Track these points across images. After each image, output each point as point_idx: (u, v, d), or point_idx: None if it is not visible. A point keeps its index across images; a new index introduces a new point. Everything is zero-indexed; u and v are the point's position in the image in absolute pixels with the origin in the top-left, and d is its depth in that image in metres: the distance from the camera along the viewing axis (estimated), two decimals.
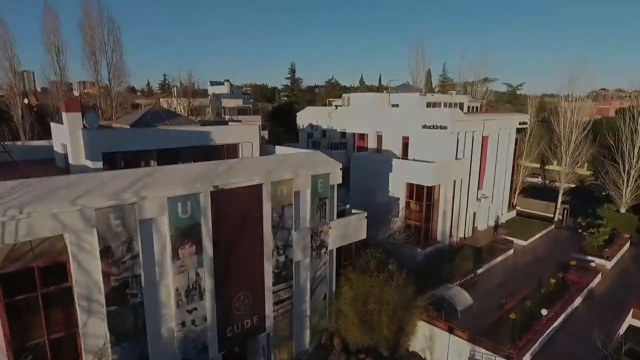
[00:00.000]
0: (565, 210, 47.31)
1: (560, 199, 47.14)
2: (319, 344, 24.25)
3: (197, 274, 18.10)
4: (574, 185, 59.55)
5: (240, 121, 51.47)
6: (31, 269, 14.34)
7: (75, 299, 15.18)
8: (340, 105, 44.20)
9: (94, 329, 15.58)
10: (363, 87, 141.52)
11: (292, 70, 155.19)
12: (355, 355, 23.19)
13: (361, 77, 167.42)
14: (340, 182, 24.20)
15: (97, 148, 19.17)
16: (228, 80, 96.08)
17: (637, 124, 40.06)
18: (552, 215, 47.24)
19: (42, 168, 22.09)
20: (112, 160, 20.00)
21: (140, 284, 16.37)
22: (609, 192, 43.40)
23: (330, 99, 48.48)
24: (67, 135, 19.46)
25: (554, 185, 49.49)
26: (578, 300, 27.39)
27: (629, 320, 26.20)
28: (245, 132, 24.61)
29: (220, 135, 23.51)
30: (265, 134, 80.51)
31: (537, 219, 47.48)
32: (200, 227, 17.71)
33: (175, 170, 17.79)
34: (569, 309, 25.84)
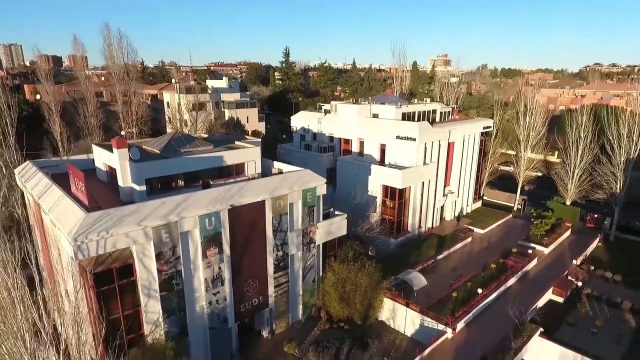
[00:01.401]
0: (524, 201, 54.62)
1: (519, 190, 54.24)
2: (309, 315, 31.73)
3: (219, 268, 25.18)
4: (540, 174, 66.13)
5: (244, 128, 57.26)
6: (111, 269, 21.22)
7: (139, 288, 22.19)
8: (328, 111, 50.33)
9: (151, 307, 22.68)
10: (354, 70, 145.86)
11: (287, 54, 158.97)
12: (337, 323, 30.58)
13: (353, 61, 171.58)
14: (325, 192, 30.92)
15: (141, 175, 25.61)
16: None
17: (581, 129, 46.54)
18: (513, 205, 54.50)
19: (93, 183, 28.52)
20: (151, 183, 26.50)
21: (181, 276, 23.43)
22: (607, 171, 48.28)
23: (320, 104, 54.30)
24: (117, 166, 25.87)
25: (511, 171, 55.36)
26: (512, 281, 34.87)
27: (549, 295, 33.82)
28: (249, 153, 30.97)
29: (230, 157, 29.93)
30: (262, 125, 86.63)
31: (501, 208, 54.71)
32: (221, 235, 24.65)
33: (202, 195, 24.43)
34: (502, 288, 33.29)
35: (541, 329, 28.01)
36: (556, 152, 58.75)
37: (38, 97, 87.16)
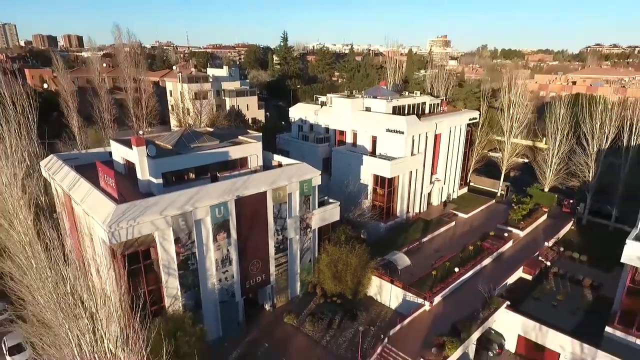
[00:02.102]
0: (507, 187, 58.52)
1: (502, 177, 58.04)
2: (306, 291, 35.90)
3: (228, 250, 29.10)
4: (526, 160, 69.75)
5: (244, 118, 60.43)
6: (137, 251, 25.11)
7: (161, 268, 26.12)
8: (324, 103, 53.51)
9: (171, 284, 26.67)
10: (352, 56, 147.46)
11: (285, 39, 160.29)
12: (330, 298, 34.73)
13: (351, 46, 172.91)
14: (320, 183, 34.62)
15: (158, 170, 29.19)
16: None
17: (559, 121, 49.97)
18: (497, 191, 58.39)
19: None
20: (166, 176, 30.09)
21: (196, 257, 27.36)
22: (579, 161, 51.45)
23: (317, 95, 57.37)
24: (136, 161, 29.40)
25: (498, 157, 58.88)
26: (487, 261, 38.98)
27: (519, 274, 37.98)
28: (252, 148, 34.48)
29: (234, 152, 33.46)
30: (262, 113, 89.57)
31: (486, 194, 58.65)
32: (229, 222, 28.46)
33: (212, 188, 28.11)
34: (478, 267, 37.39)
35: (507, 302, 32.17)
36: (544, 139, 62.07)
37: (45, 86, 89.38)
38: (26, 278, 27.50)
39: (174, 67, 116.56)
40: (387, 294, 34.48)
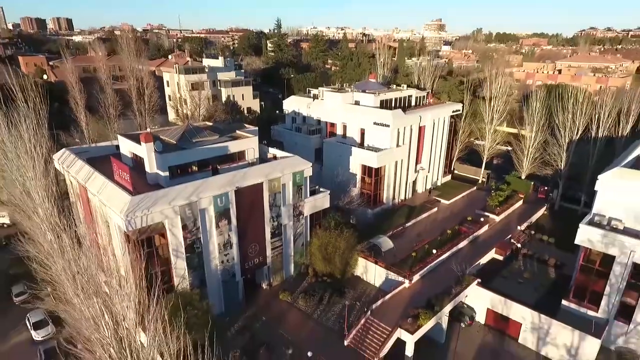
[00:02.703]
0: (488, 174, 62.32)
1: (484, 165, 61.77)
2: (299, 272, 39.71)
3: (229, 235, 32.66)
4: (510, 148, 73.25)
5: (240, 109, 63.24)
6: (150, 237, 28.59)
7: (170, 251, 29.67)
8: (316, 96, 56.48)
9: (179, 265, 30.27)
10: (345, 45, 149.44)
11: (278, 26, 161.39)
12: (321, 278, 38.54)
13: (344, 34, 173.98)
14: (311, 174, 38.02)
15: (165, 164, 32.42)
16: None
17: (535, 114, 53.48)
18: (479, 179, 62.19)
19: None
20: (172, 169, 33.33)
21: (201, 242, 30.91)
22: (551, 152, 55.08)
23: (310, 88, 60.30)
24: (145, 156, 32.57)
25: (475, 142, 62.24)
26: (464, 243, 42.88)
27: (492, 255, 42.02)
28: (249, 142, 37.62)
29: (233, 146, 36.64)
30: (257, 103, 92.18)
31: (469, 181, 62.39)
32: (229, 210, 31.94)
33: (214, 180, 31.47)
34: (454, 249, 41.29)
35: (478, 280, 36.19)
36: (535, 123, 65.53)
37: (45, 76, 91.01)
38: (50, 260, 31.14)
39: (170, 57, 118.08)
40: (372, 273, 38.38)
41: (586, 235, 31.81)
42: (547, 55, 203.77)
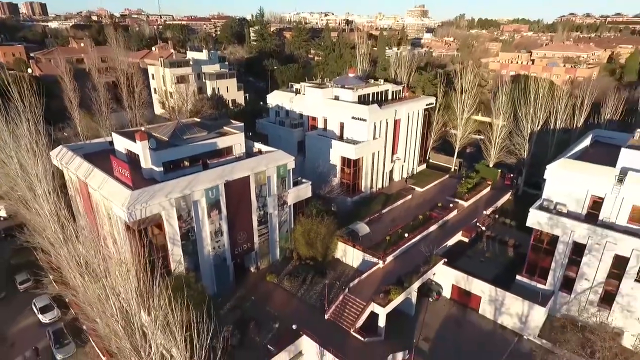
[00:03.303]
0: (460, 163, 66.74)
1: (456, 154, 66.09)
2: (284, 256, 43.45)
3: (220, 224, 36.09)
4: (482, 137, 77.59)
5: (226, 102, 65.81)
6: (148, 227, 31.83)
7: (167, 239, 32.99)
8: (298, 90, 59.48)
9: (176, 251, 33.65)
10: (328, 35, 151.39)
11: (261, 14, 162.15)
12: (304, 261, 42.33)
13: (326, 23, 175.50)
14: (294, 167, 41.47)
15: (159, 160, 35.39)
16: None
17: (501, 107, 57.74)
18: (451, 167, 66.56)
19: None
20: (166, 165, 36.34)
21: (194, 230, 34.30)
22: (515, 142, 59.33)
23: (292, 83, 63.26)
24: (140, 153, 35.46)
25: (450, 131, 66.28)
26: (434, 228, 47.17)
27: (458, 237, 46.47)
28: (236, 138, 40.74)
29: (221, 142, 39.71)
30: (241, 95, 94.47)
31: (443, 170, 66.70)
32: (220, 202, 35.31)
33: (205, 174, 34.68)
34: (425, 233, 45.52)
35: (445, 259, 40.55)
36: (501, 116, 69.81)
37: (30, 70, 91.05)
38: (55, 249, 34.31)
39: (153, 48, 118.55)
40: (350, 256, 42.41)
41: (536, 219, 36.33)
42: (524, 44, 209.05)
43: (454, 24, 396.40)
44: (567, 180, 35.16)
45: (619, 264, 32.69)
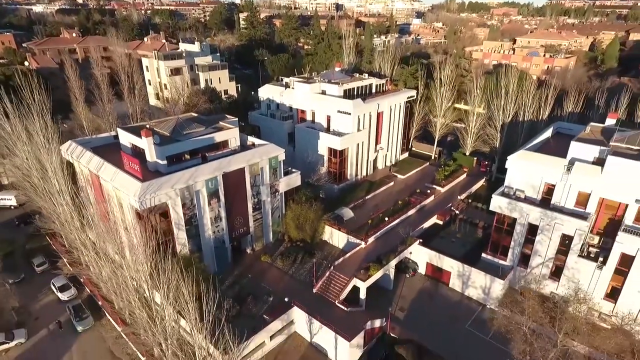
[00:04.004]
0: (440, 151, 71.54)
1: (436, 143, 70.82)
2: (277, 239, 48.12)
3: (219, 211, 40.53)
4: (463, 125, 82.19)
5: (219, 94, 69.32)
6: (156, 214, 36.13)
7: (172, 224, 37.38)
8: (288, 84, 63.28)
9: (180, 235, 38.10)
10: (317, 24, 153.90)
11: (251, 2, 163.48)
12: (295, 243, 46.98)
13: (315, 8, 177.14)
14: (284, 158, 45.78)
15: (163, 154, 39.43)
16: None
17: (475, 100, 62.31)
18: (432, 155, 71.34)
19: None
20: (169, 158, 40.40)
21: (197, 216, 38.73)
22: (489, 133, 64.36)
23: (282, 76, 67.04)
24: (146, 148, 39.43)
25: (429, 117, 71.09)
26: (412, 212, 52.11)
27: (433, 220, 51.51)
28: (231, 132, 44.78)
29: (218, 136, 43.72)
30: (233, 85, 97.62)
31: (424, 158, 71.41)
32: (219, 191, 39.68)
33: (205, 167, 38.89)
34: (403, 217, 50.45)
35: (420, 240, 45.57)
36: (482, 104, 73.99)
37: (27, 64, 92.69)
38: (71, 235, 38.63)
39: (145, 39, 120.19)
40: (336, 238, 47.23)
41: (497, 203, 41.36)
42: (510, 30, 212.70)
43: (444, 7, 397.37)
44: (525, 170, 40.10)
45: (565, 242, 37.96)
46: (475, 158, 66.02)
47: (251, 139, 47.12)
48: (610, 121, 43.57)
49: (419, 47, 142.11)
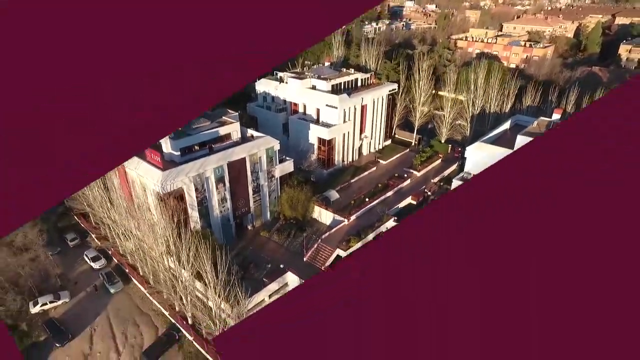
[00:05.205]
0: (420, 138, 79.37)
1: (416, 130, 78.59)
2: (274, 217, 56.31)
3: (224, 194, 48.50)
4: (442, 113, 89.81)
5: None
6: (175, 197, 44.04)
7: (188, 205, 45.37)
8: (282, 79, 70.33)
9: (194, 214, 46.14)
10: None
11: None
12: (289, 220, 55.18)
13: None
14: (279, 148, 53.53)
15: (177, 146, 46.96)
16: None
17: (450, 90, 69.75)
18: (412, 142, 79.21)
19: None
20: (182, 150, 47.95)
21: (207, 199, 46.73)
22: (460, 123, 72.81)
23: (277, 71, 73.95)
24: (162, 140, 46.90)
25: (411, 105, 79.00)
26: (390, 194, 60.30)
27: (408, 201, 59.82)
28: (233, 126, 52.34)
29: (223, 130, 51.22)
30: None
31: (405, 144, 79.23)
32: (224, 178, 47.55)
33: (213, 157, 46.60)
34: (382, 198, 58.62)
35: (395, 217, 53.90)
36: (464, 93, 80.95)
37: None
38: (101, 213, 46.51)
39: None
40: (324, 216, 55.47)
41: (457, 186, 49.46)
42: (499, 14, 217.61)
43: None
44: (480, 158, 48.18)
45: None
46: (450, 145, 73.91)
47: (250, 132, 54.71)
48: (556, 116, 51.52)
49: (409, 34, 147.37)
